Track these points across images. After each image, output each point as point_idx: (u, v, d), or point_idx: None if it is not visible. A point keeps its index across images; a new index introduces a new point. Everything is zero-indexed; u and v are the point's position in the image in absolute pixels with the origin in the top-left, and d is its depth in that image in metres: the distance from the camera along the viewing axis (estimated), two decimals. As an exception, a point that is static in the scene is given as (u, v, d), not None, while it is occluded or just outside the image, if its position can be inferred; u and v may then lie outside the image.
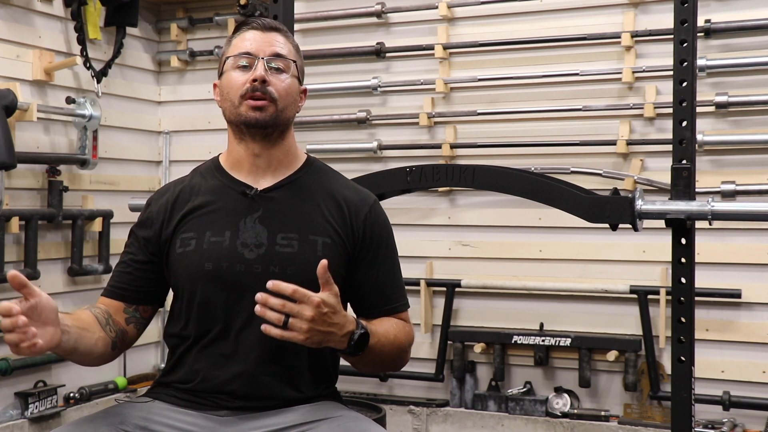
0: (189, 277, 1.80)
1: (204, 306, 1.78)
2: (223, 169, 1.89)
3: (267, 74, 1.79)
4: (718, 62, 3.49)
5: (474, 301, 3.92)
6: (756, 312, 3.48)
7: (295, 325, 1.56)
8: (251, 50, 1.82)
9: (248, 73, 1.80)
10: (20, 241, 3.61)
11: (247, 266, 1.77)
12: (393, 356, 1.82)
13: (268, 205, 1.82)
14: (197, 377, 1.78)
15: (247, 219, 1.80)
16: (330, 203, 1.85)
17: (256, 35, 1.84)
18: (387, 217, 1.93)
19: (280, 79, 1.82)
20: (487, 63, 3.90)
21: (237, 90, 1.80)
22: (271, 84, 1.80)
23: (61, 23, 3.86)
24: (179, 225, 1.84)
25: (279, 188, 1.85)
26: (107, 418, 1.73)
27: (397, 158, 3.99)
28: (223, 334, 1.77)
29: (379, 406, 3.27)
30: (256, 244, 1.78)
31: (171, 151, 4.45)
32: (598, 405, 3.72)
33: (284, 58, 1.84)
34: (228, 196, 1.84)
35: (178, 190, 1.90)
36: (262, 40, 1.83)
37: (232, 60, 1.83)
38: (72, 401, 3.82)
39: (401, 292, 1.90)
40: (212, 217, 1.83)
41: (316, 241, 1.79)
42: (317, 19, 4.16)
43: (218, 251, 1.78)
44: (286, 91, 1.82)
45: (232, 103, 1.82)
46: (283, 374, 1.77)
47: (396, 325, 1.84)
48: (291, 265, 1.76)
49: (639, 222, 2.34)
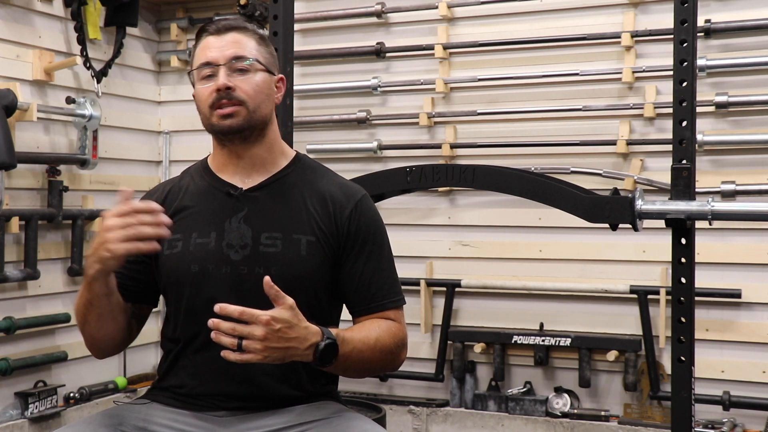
0: (176, 279, 1.80)
1: (192, 308, 1.78)
2: (211, 171, 1.89)
3: (229, 79, 1.77)
4: (718, 62, 3.49)
5: (474, 301, 3.92)
6: (756, 312, 3.48)
7: (249, 346, 1.53)
8: (210, 59, 1.80)
9: (213, 83, 1.79)
10: (20, 241, 3.61)
11: (233, 268, 1.77)
12: (376, 361, 1.77)
13: (252, 204, 1.82)
14: (193, 381, 1.78)
15: (232, 219, 1.80)
16: (315, 201, 1.84)
17: (213, 41, 1.82)
18: (377, 213, 1.90)
19: (245, 80, 1.80)
20: (487, 63, 3.90)
21: (205, 102, 1.80)
22: (237, 88, 1.78)
23: (61, 23, 3.86)
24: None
25: (263, 187, 1.84)
26: (106, 419, 1.73)
27: (397, 158, 3.99)
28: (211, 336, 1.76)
29: (379, 406, 3.27)
30: (242, 245, 1.78)
31: (171, 151, 4.45)
32: (598, 405, 3.72)
33: (244, 58, 1.80)
34: (214, 197, 1.84)
35: (167, 190, 1.90)
36: (219, 44, 1.81)
37: (196, 73, 1.82)
38: (72, 401, 3.82)
39: (391, 289, 1.85)
40: (198, 218, 1.83)
41: (300, 239, 1.78)
42: (317, 19, 4.16)
43: (204, 253, 1.78)
44: (255, 90, 1.80)
45: (205, 115, 1.81)
46: (280, 373, 1.76)
47: (380, 327, 1.79)
48: (275, 265, 1.76)
49: (639, 222, 2.34)
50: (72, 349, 3.82)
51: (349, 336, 1.69)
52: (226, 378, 1.75)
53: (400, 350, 1.83)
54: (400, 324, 1.85)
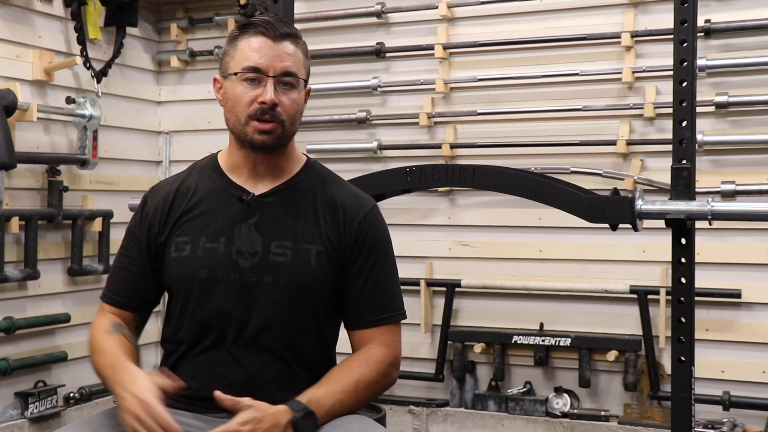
0: (183, 283, 1.78)
1: (198, 313, 1.77)
2: (222, 171, 1.85)
3: (277, 95, 1.73)
4: (718, 62, 3.49)
5: (474, 301, 3.92)
6: (756, 312, 3.48)
7: None
8: (260, 65, 1.73)
9: (256, 89, 1.73)
10: (20, 241, 3.61)
11: (242, 275, 1.75)
12: (363, 400, 1.75)
13: (263, 211, 1.79)
14: (195, 385, 1.76)
15: (242, 225, 1.77)
16: (326, 209, 1.81)
17: (265, 45, 1.74)
18: (385, 226, 1.87)
19: (289, 98, 1.75)
20: (487, 63, 3.90)
21: (244, 108, 1.74)
22: (281, 104, 1.73)
23: (61, 23, 3.86)
24: (174, 227, 1.81)
25: (276, 193, 1.81)
26: (106, 419, 1.72)
27: (397, 158, 3.99)
28: (217, 342, 1.76)
29: (379, 406, 3.28)
30: (251, 252, 1.76)
31: (171, 151, 4.45)
32: (598, 405, 3.72)
33: (295, 75, 1.76)
34: (224, 200, 1.81)
35: (175, 188, 1.86)
36: (272, 52, 1.74)
37: (239, 71, 1.75)
38: (72, 401, 3.82)
39: (390, 304, 1.81)
40: (207, 222, 1.79)
41: (310, 249, 1.77)
42: (317, 19, 4.16)
43: (213, 258, 1.76)
44: (295, 110, 1.77)
45: (238, 119, 1.76)
46: (280, 378, 1.76)
47: (360, 363, 1.76)
48: (283, 275, 1.75)
49: (639, 222, 2.34)
50: (72, 349, 3.82)
51: (324, 393, 1.69)
52: (228, 383, 1.74)
53: (389, 373, 1.80)
54: (391, 342, 1.81)
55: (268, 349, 1.75)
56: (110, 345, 1.75)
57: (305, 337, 1.78)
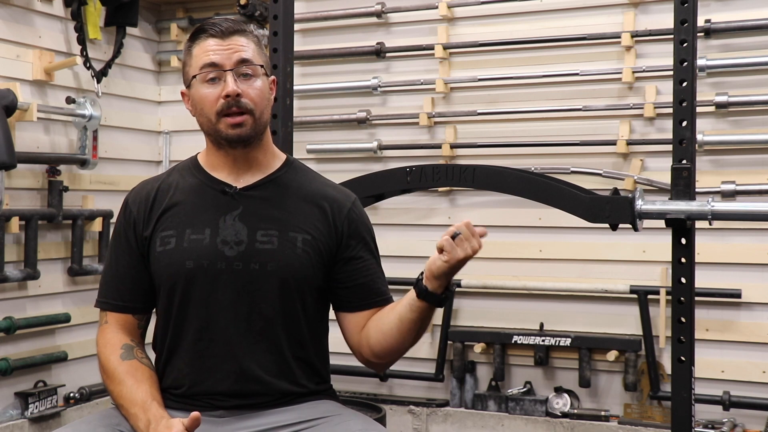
0: (170, 275, 1.78)
1: (185, 305, 1.78)
2: (202, 168, 1.87)
3: (238, 85, 1.76)
4: (718, 62, 3.49)
5: (474, 301, 3.91)
6: (756, 312, 3.48)
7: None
8: (216, 60, 1.77)
9: (218, 87, 1.77)
10: (20, 241, 3.61)
11: (228, 263, 1.76)
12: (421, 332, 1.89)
13: (247, 202, 1.81)
14: (188, 381, 1.77)
15: (226, 216, 1.79)
16: (311, 201, 1.84)
17: (216, 44, 1.79)
18: (367, 215, 1.94)
19: (252, 87, 1.78)
20: (487, 63, 3.90)
21: (211, 106, 1.77)
22: (244, 95, 1.77)
23: (61, 23, 3.86)
24: (159, 222, 1.82)
25: (259, 186, 1.84)
26: (105, 419, 1.73)
27: (397, 158, 3.99)
28: (205, 333, 1.76)
29: (379, 406, 3.28)
30: (236, 241, 1.77)
31: (171, 151, 4.45)
32: (598, 405, 3.72)
33: (251, 63, 1.79)
34: (207, 194, 1.83)
35: (156, 186, 1.88)
36: (224, 47, 1.78)
37: (198, 75, 1.79)
38: (72, 401, 3.82)
39: (386, 285, 1.91)
40: (192, 215, 1.81)
41: (296, 237, 1.79)
42: (317, 19, 4.16)
43: (199, 249, 1.77)
44: (260, 97, 1.80)
45: (209, 119, 1.79)
46: (273, 366, 1.76)
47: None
48: (271, 261, 1.76)
49: (639, 222, 2.34)
50: (72, 349, 3.82)
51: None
52: (221, 375, 1.75)
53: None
54: None
55: (258, 336, 1.76)
56: (129, 375, 1.75)
57: (295, 325, 1.79)
